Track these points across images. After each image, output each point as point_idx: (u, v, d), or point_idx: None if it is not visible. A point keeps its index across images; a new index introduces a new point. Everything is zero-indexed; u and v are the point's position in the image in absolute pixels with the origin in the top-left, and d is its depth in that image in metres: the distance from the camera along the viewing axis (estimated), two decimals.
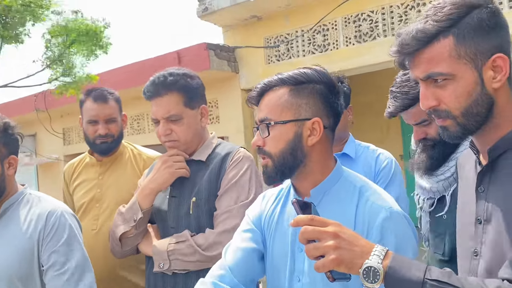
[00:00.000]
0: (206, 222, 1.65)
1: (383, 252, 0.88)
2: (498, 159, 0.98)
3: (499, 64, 0.94)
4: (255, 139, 1.21)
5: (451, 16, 0.93)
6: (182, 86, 1.68)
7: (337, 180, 1.21)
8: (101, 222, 1.99)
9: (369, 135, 7.05)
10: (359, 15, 4.94)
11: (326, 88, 1.19)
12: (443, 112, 0.97)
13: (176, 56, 5.80)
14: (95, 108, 2.04)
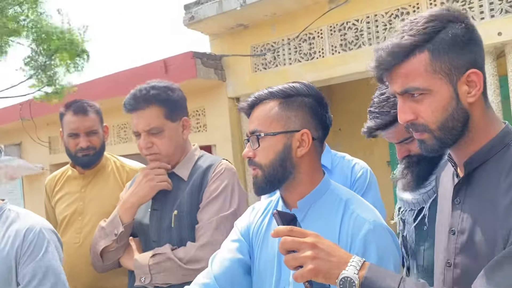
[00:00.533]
0: (188, 235, 1.64)
1: (360, 263, 0.90)
2: (474, 171, 1.00)
3: (473, 79, 0.96)
4: (246, 151, 1.24)
5: (426, 31, 0.95)
6: (163, 98, 1.68)
7: (324, 192, 1.23)
8: (84, 235, 1.97)
9: (357, 142, 7.10)
10: (344, 24, 4.99)
11: (315, 101, 1.23)
12: (420, 126, 0.98)
13: (163, 64, 5.79)
14: (76, 121, 2.02)
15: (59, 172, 2.18)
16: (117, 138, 7.53)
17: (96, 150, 2.05)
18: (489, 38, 4.06)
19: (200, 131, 6.35)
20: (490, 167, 0.98)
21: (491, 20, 4.07)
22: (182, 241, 1.64)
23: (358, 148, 6.86)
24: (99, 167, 2.09)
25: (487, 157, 0.98)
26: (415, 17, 1.00)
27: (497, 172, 0.95)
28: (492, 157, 0.98)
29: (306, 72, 5.26)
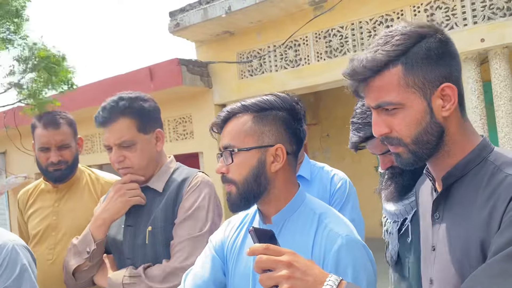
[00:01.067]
0: (162, 252, 1.59)
1: (337, 282, 0.88)
2: (452, 186, 0.99)
3: (448, 93, 0.95)
4: (219, 167, 1.20)
5: (400, 46, 0.94)
6: (135, 110, 1.63)
7: (298, 206, 1.20)
8: (57, 251, 1.90)
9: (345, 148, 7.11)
10: (329, 31, 5.00)
11: (289, 114, 1.20)
12: (394, 139, 0.97)
13: (148, 72, 5.75)
14: (46, 135, 1.96)
15: (32, 186, 2.11)
16: (103, 147, 7.46)
17: (68, 164, 1.97)
18: (472, 45, 4.09)
19: (187, 138, 6.32)
20: (467, 181, 0.97)
21: (474, 27, 4.10)
22: (157, 257, 1.59)
23: (346, 153, 6.87)
24: (73, 180, 2.03)
25: (464, 172, 0.97)
26: (391, 30, 0.99)
27: (474, 186, 0.95)
28: (470, 172, 0.97)
29: (292, 79, 5.26)
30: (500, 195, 0.88)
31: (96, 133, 7.65)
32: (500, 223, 0.86)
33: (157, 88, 5.71)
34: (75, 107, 6.38)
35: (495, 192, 0.89)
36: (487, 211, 0.89)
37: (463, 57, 4.20)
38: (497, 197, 0.88)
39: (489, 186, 0.91)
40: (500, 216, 0.86)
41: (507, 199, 0.86)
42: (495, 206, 0.88)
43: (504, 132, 4.01)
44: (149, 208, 1.65)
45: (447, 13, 4.24)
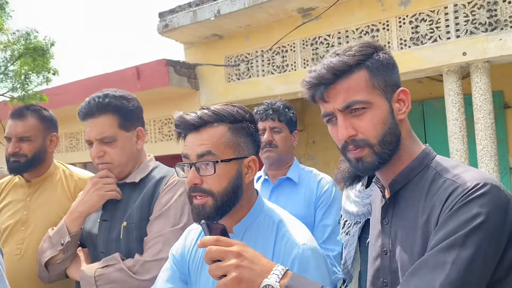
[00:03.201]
0: (136, 247, 1.61)
1: (283, 271, 0.91)
2: (398, 192, 1.04)
3: (402, 98, 1.04)
4: (191, 177, 1.14)
5: (363, 52, 1.02)
6: (117, 107, 1.66)
7: (257, 215, 1.22)
8: (25, 246, 1.88)
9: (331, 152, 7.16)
10: (316, 38, 5.05)
11: (254, 127, 1.23)
12: (360, 141, 1.00)
13: (135, 71, 5.75)
14: (10, 125, 1.96)
15: (6, 179, 2.10)
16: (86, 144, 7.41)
17: (27, 158, 1.94)
18: (454, 58, 4.17)
19: (171, 139, 6.31)
20: (412, 187, 1.02)
21: (457, 40, 4.18)
22: (130, 253, 1.60)
23: (330, 159, 6.92)
24: (47, 175, 2.02)
25: (408, 178, 1.03)
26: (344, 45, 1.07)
27: (418, 192, 1.00)
28: (414, 178, 1.02)
29: (278, 84, 5.30)
30: (438, 198, 0.94)
31: (81, 131, 7.60)
32: (437, 223, 0.91)
33: (144, 87, 5.70)
34: (61, 104, 6.34)
35: (434, 196, 0.95)
36: (427, 213, 0.94)
37: (445, 69, 4.28)
38: (436, 199, 0.94)
39: (431, 190, 0.97)
40: (437, 216, 0.92)
41: (443, 201, 0.92)
42: (433, 208, 0.94)
43: (483, 145, 4.09)
44: (126, 204, 1.68)
45: (431, 26, 4.32)
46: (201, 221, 1.03)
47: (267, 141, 2.17)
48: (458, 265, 0.84)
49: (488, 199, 0.87)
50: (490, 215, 0.86)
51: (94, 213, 1.73)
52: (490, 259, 0.86)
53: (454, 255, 0.85)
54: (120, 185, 1.71)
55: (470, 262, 0.84)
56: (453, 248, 0.85)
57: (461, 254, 0.85)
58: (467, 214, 0.87)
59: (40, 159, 1.99)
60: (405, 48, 4.43)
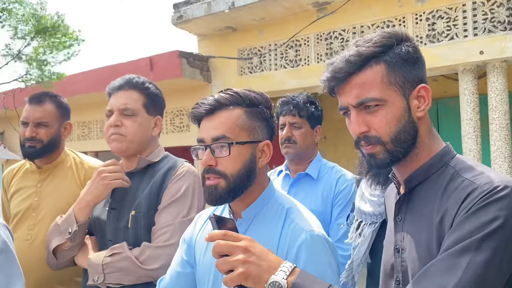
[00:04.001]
0: (144, 236, 1.62)
1: (290, 268, 0.90)
2: (414, 189, 1.02)
3: (423, 94, 0.99)
4: (206, 158, 1.15)
5: (382, 44, 0.97)
6: (147, 89, 1.71)
7: (267, 201, 1.22)
8: (36, 232, 1.91)
9: (342, 150, 7.12)
10: (331, 33, 5.00)
11: (269, 111, 1.23)
12: (373, 138, 0.98)
13: (148, 62, 5.77)
14: (27, 110, 1.98)
15: (18, 165, 2.13)
16: (100, 134, 7.47)
17: (43, 143, 1.96)
18: (471, 56, 4.10)
19: (183, 131, 6.33)
20: (428, 185, 0.99)
21: (474, 39, 4.11)
22: (138, 241, 1.61)
23: (341, 156, 6.88)
24: (58, 162, 2.04)
25: (426, 175, 1.00)
26: (367, 35, 1.03)
27: (434, 190, 0.97)
28: (431, 176, 0.99)
29: (291, 78, 5.27)
30: (455, 198, 0.91)
31: (93, 120, 7.66)
32: (452, 225, 0.89)
33: (157, 79, 5.71)
34: (74, 92, 6.39)
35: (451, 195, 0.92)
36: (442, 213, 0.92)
37: (461, 68, 4.21)
38: (452, 199, 0.91)
39: (448, 189, 0.94)
40: (453, 217, 0.89)
41: (460, 201, 0.89)
42: (449, 208, 0.91)
43: (497, 146, 4.03)
44: (134, 192, 1.68)
45: (449, 23, 4.25)
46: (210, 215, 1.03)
47: (285, 137, 2.14)
48: (472, 269, 0.82)
49: (508, 203, 0.84)
50: (508, 219, 0.83)
51: (103, 201, 1.73)
52: (505, 265, 0.83)
53: (468, 259, 0.82)
54: (128, 174, 1.71)
55: (484, 268, 0.81)
56: (467, 252, 0.83)
57: (475, 259, 0.82)
58: (484, 217, 0.84)
59: (55, 145, 2.01)
60: (421, 45, 4.36)
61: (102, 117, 7.12)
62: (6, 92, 7.63)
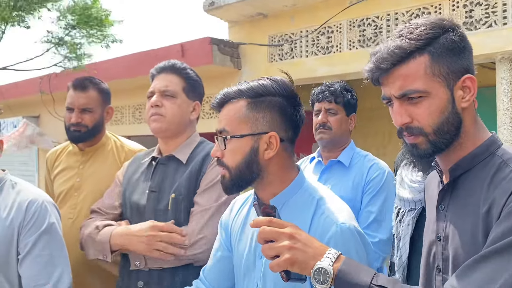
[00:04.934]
0: (183, 219, 1.66)
1: (336, 255, 0.92)
2: (458, 178, 1.01)
3: (468, 85, 0.99)
4: (214, 150, 1.22)
5: (427, 36, 0.97)
6: (187, 74, 1.77)
7: (296, 191, 1.21)
8: (78, 211, 2.01)
9: (371, 140, 7.04)
10: (364, 20, 4.92)
11: (285, 100, 1.19)
12: (415, 129, 0.99)
13: (180, 48, 5.82)
14: (73, 96, 2.06)
15: (61, 147, 2.23)
16: (132, 119, 7.62)
17: (88, 128, 2.04)
18: (510, 45, 3.96)
19: (212, 118, 6.39)
20: (474, 174, 0.98)
21: None
22: (177, 223, 1.65)
23: (371, 145, 6.80)
24: (99, 145, 2.12)
25: (472, 165, 0.99)
26: (412, 22, 1.01)
27: (480, 179, 0.96)
28: (477, 165, 0.99)
29: (321, 65, 5.22)
30: (503, 188, 0.90)
31: (126, 105, 7.82)
32: (499, 215, 0.87)
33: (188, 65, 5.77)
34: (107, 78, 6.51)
35: (498, 185, 0.91)
36: (489, 203, 0.91)
37: (499, 57, 4.07)
38: (500, 189, 0.90)
39: (495, 180, 0.93)
40: (500, 208, 0.88)
41: (508, 192, 0.88)
42: (496, 198, 0.90)
43: None
44: (173, 176, 1.73)
45: (487, 10, 4.11)
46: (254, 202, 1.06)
47: (320, 123, 2.16)
48: None
49: None
50: None
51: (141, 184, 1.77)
52: None
53: None
54: (168, 158, 1.76)
55: None
56: None
57: None
58: None
59: (98, 129, 2.10)
60: None
61: (134, 103, 7.26)
62: (42, 77, 7.86)
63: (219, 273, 1.37)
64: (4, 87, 9.46)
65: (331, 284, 0.89)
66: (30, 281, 1.46)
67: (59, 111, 8.50)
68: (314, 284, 0.90)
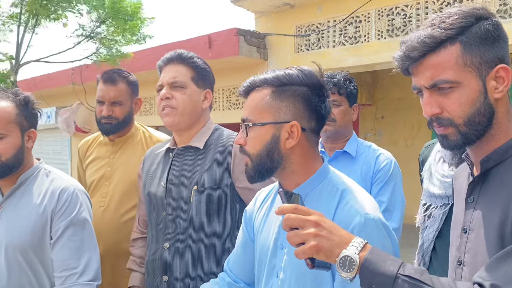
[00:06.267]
0: (206, 211, 1.65)
1: (362, 244, 0.91)
2: (490, 171, 0.99)
3: (502, 75, 0.95)
4: (237, 138, 1.23)
5: (459, 25, 0.94)
6: (194, 63, 1.74)
7: (320, 181, 1.21)
8: (108, 199, 2.06)
9: (399, 131, 6.93)
10: (393, 9, 4.82)
11: (310, 90, 1.18)
12: (445, 120, 0.97)
13: (207, 40, 5.85)
14: (103, 89, 2.10)
15: (92, 137, 2.29)
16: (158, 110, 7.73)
17: (119, 120, 2.10)
18: None
19: (238, 108, 6.42)
20: (506, 167, 0.96)
21: None
22: (200, 215, 1.65)
23: (399, 137, 6.70)
24: (128, 135, 2.17)
25: (504, 157, 0.97)
26: (445, 11, 0.99)
27: None
28: (510, 158, 0.96)
29: (349, 55, 5.16)
30: None
31: (154, 96, 7.92)
32: None
33: (215, 56, 5.81)
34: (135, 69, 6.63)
35: None
36: None
37: None
38: None
39: None
40: None
41: None
42: None
43: None
44: (192, 167, 1.71)
45: None
46: (279, 190, 1.07)
47: None
48: None
49: None
50: None
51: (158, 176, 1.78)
52: None
53: None
54: (184, 148, 1.74)
55: None
56: None
57: None
58: None
59: (128, 121, 2.14)
60: None
61: None
62: (74, 69, 8.06)
63: (244, 265, 1.38)
64: (38, 78, 9.76)
65: (357, 273, 0.88)
66: (60, 265, 1.53)
67: (90, 101, 8.72)
68: (340, 272, 0.89)
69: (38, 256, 1.56)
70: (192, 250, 1.64)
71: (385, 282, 0.86)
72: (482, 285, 0.84)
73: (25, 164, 1.63)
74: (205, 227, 1.65)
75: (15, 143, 1.58)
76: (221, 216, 1.66)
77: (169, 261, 1.66)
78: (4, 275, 1.54)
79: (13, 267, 1.54)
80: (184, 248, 1.65)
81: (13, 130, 1.58)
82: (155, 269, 1.71)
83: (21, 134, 1.60)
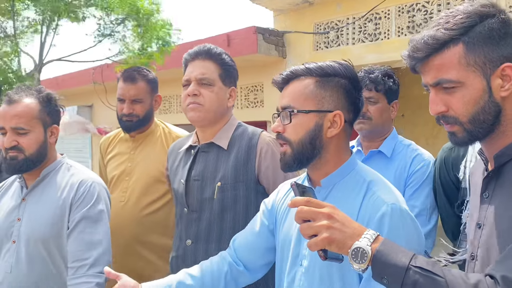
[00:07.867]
0: (229, 207, 1.65)
1: (374, 236, 0.93)
2: (504, 166, 0.99)
3: (508, 73, 0.95)
4: (275, 125, 1.24)
5: (462, 25, 0.95)
6: (223, 60, 1.72)
7: (348, 172, 1.23)
8: (129, 194, 2.09)
9: (420, 130, 6.83)
10: (414, 5, 4.76)
11: (350, 83, 1.22)
12: (451, 118, 0.99)
13: (226, 38, 5.88)
14: (123, 88, 2.14)
15: (113, 134, 2.34)
16: (179, 108, 7.82)
17: (139, 118, 2.13)
18: None
19: (257, 107, 6.43)
20: None
21: None
22: (224, 212, 1.65)
23: (420, 135, 6.61)
24: (148, 132, 2.21)
25: None
26: (451, 10, 1.00)
27: None
28: None
29: (369, 53, 5.11)
30: None
31: (173, 95, 8.02)
32: None
33: (233, 54, 5.78)
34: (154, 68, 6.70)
35: None
36: None
37: None
38: None
39: None
40: None
41: None
42: None
43: None
44: (215, 164, 1.71)
45: None
46: (291, 183, 1.08)
47: None
48: None
49: None
50: None
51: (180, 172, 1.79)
52: None
53: None
54: (208, 145, 1.74)
55: None
56: None
57: None
58: None
59: (148, 118, 2.19)
60: None
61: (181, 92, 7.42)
62: (95, 68, 8.20)
63: (253, 250, 1.39)
64: (60, 77, 9.97)
65: (369, 264, 0.90)
66: (73, 255, 1.57)
67: (111, 100, 8.86)
68: (352, 264, 0.91)
69: (58, 247, 1.60)
70: (215, 247, 1.63)
71: (397, 273, 0.87)
72: (493, 276, 0.84)
73: (48, 158, 1.69)
74: (228, 224, 1.65)
75: (38, 139, 1.63)
76: (244, 212, 1.66)
77: (191, 258, 1.66)
78: (24, 265, 1.59)
79: (34, 258, 1.59)
80: (206, 244, 1.65)
81: (36, 126, 1.63)
82: (178, 266, 1.70)
83: (44, 130, 1.65)
